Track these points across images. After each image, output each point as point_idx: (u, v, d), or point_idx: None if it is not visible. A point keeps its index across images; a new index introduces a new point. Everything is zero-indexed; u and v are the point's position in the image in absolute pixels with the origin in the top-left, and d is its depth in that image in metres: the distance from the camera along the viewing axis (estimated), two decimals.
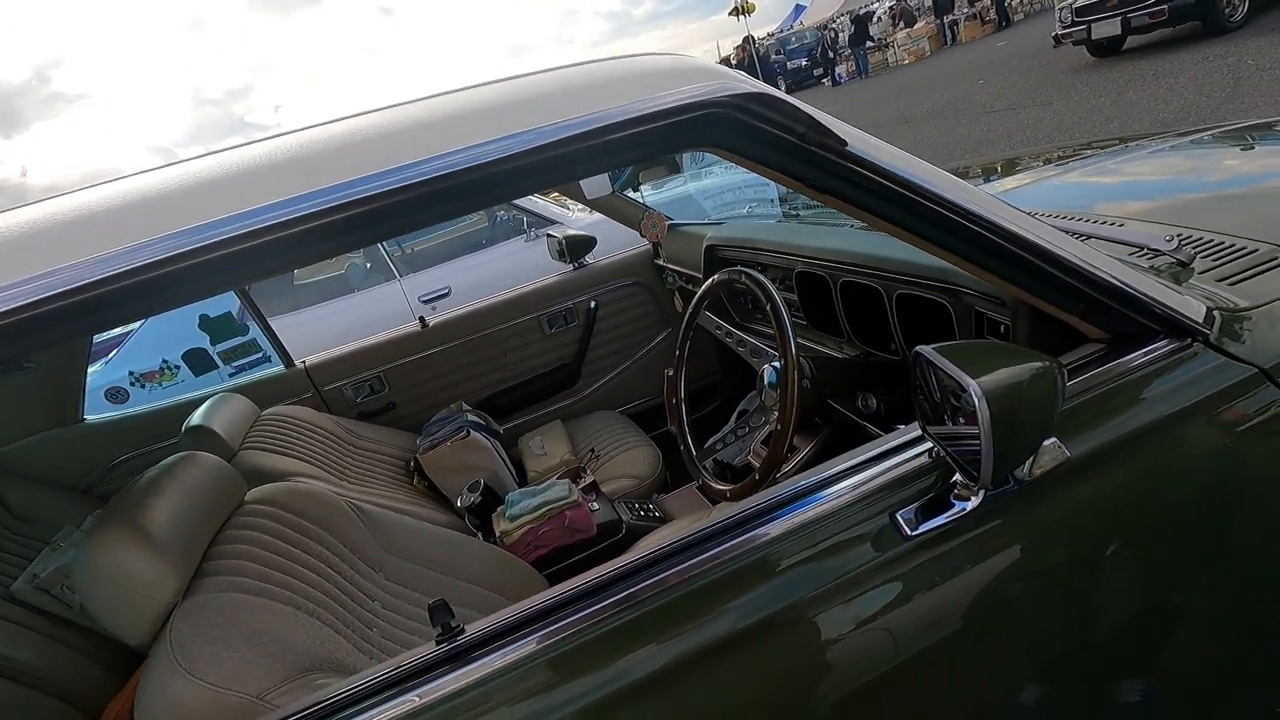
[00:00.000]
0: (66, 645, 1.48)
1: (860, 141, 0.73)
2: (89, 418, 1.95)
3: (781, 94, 0.72)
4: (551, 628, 0.67)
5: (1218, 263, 0.96)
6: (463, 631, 0.68)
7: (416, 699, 0.64)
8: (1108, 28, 7.50)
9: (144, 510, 0.86)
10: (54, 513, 1.73)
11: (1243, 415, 0.79)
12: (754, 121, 0.70)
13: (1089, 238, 1.05)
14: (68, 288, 0.54)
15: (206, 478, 0.98)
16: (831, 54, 18.97)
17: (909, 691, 0.71)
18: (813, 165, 0.73)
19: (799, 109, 0.71)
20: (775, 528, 0.72)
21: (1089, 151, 1.88)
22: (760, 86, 0.71)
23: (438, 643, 0.67)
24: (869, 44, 18.32)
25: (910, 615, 0.71)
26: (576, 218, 3.81)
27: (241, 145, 0.68)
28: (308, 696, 0.67)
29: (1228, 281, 0.92)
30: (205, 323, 2.80)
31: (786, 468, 1.24)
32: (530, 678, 0.66)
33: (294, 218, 0.58)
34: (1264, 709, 0.88)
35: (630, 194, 2.30)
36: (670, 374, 1.57)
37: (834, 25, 18.73)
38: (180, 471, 0.96)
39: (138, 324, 3.44)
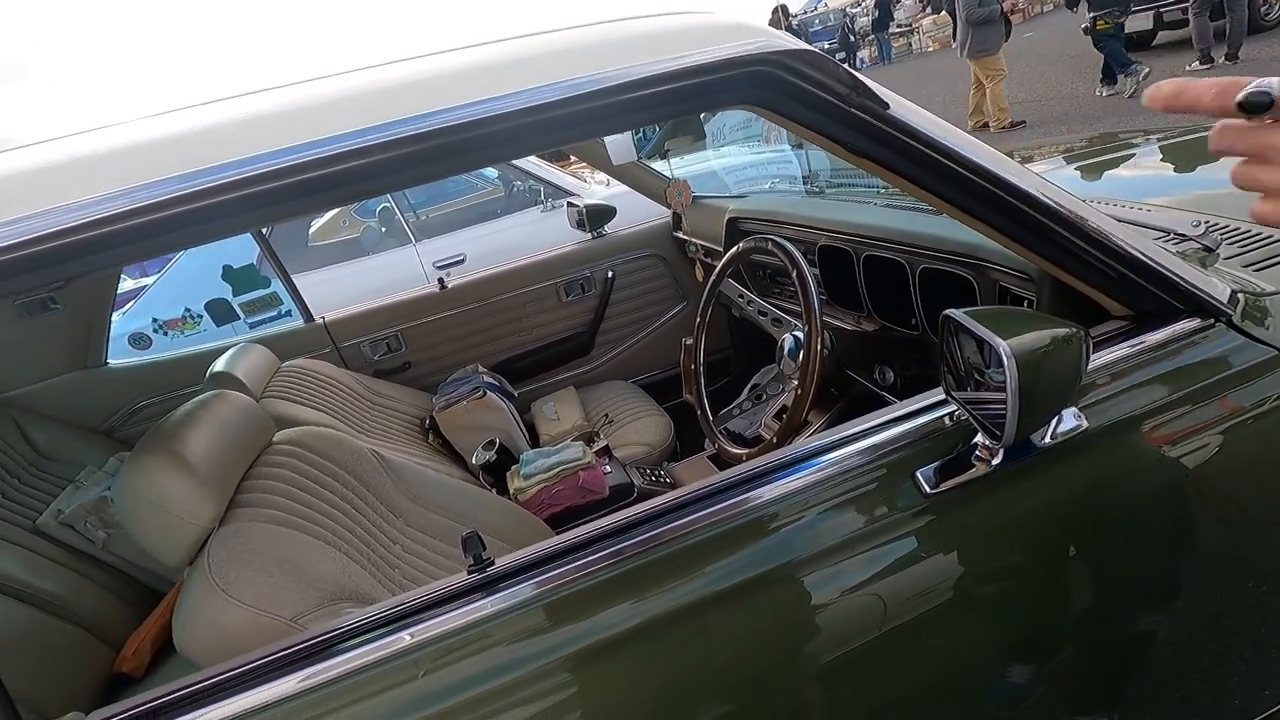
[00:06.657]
0: (89, 579, 1.53)
1: (901, 106, 0.74)
2: (112, 362, 1.98)
3: (823, 54, 0.72)
4: (579, 562, 0.69)
5: (1244, 249, 0.97)
6: (492, 563, 0.70)
7: (448, 623, 0.67)
8: (1140, 21, 7.36)
9: (182, 440, 0.88)
10: (77, 452, 1.77)
11: (1262, 395, 0.81)
12: (796, 80, 0.71)
13: (1117, 220, 1.06)
14: (91, 219, 0.56)
15: (239, 415, 1.01)
16: (852, 38, 18.67)
17: (920, 643, 0.74)
18: (852, 127, 0.74)
19: (842, 69, 0.71)
20: (796, 481, 0.74)
21: (1113, 143, 1.87)
22: (803, 44, 0.72)
23: (469, 572, 0.69)
24: (893, 29, 18.02)
25: (925, 571, 0.73)
26: (594, 190, 3.81)
27: (273, 89, 0.69)
28: (341, 619, 0.70)
29: (1253, 267, 0.93)
30: (228, 274, 2.83)
31: (802, 437, 1.26)
32: (554, 610, 0.68)
33: (306, 161, 0.60)
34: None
35: (654, 164, 2.30)
36: (689, 342, 1.59)
37: (856, 9, 18.38)
38: (215, 407, 0.98)
39: (151, 279, 3.47)
